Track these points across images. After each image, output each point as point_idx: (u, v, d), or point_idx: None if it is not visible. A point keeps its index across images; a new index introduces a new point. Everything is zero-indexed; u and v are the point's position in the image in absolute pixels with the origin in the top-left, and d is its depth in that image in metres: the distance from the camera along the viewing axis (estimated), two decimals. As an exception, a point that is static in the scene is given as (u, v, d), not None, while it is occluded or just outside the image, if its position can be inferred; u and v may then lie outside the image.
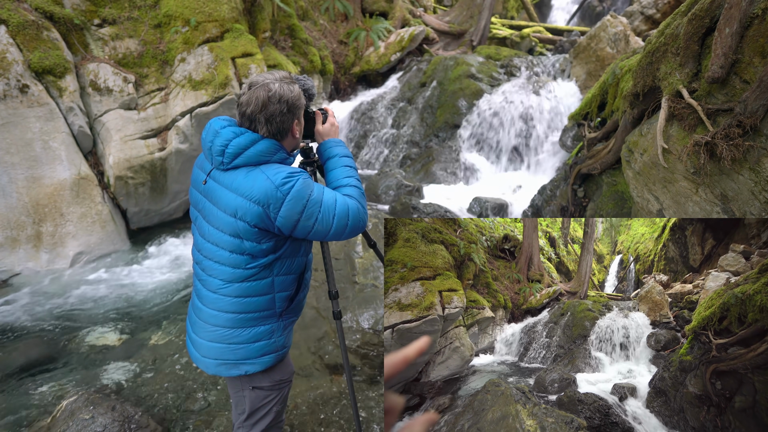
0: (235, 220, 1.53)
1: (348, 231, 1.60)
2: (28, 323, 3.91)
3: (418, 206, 5.68)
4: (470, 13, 11.15)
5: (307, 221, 1.52)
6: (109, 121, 5.06)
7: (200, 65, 5.53)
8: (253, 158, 1.53)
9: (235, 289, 1.63)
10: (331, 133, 1.80)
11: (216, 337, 1.68)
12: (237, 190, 1.52)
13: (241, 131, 1.54)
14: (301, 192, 1.50)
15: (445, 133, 8.00)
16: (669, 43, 3.19)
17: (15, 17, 4.53)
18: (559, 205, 5.19)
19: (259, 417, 1.87)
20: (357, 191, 1.66)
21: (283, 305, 1.72)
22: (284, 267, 1.66)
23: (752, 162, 2.53)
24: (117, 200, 5.21)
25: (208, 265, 1.66)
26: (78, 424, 2.51)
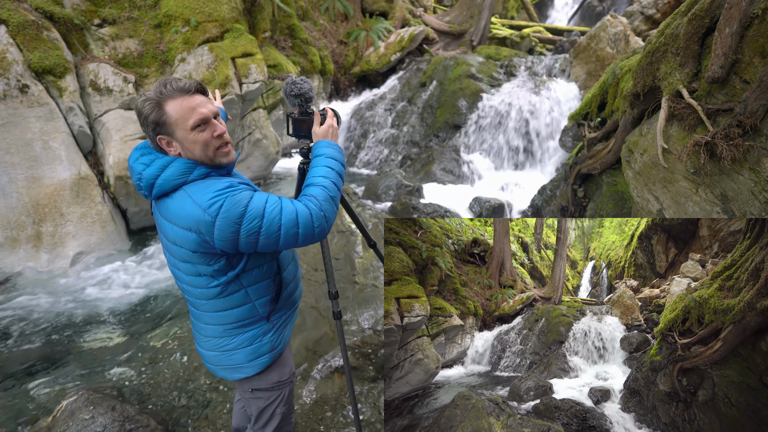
0: (179, 248, 1.48)
1: (301, 239, 1.48)
2: (28, 323, 3.91)
3: (418, 206, 5.68)
4: (470, 13, 11.15)
5: (248, 237, 1.41)
6: (109, 121, 5.06)
7: (200, 65, 5.53)
8: (167, 185, 1.44)
9: (211, 305, 1.62)
10: (327, 135, 1.77)
11: (210, 346, 1.72)
12: (170, 219, 1.46)
13: (150, 160, 1.46)
14: (231, 210, 1.38)
15: (445, 133, 8.00)
16: (669, 43, 3.19)
17: (15, 17, 4.53)
18: (559, 205, 5.19)
19: (266, 420, 1.87)
20: (322, 192, 1.55)
21: (266, 309, 1.69)
22: (253, 276, 1.61)
23: (752, 162, 2.53)
24: (117, 200, 5.21)
25: (180, 286, 1.66)
26: (78, 424, 2.51)
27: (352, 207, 3.65)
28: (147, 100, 1.42)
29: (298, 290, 1.89)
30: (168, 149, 1.47)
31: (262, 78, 5.88)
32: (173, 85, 1.43)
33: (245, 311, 1.65)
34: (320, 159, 1.67)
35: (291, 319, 1.86)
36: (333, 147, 1.72)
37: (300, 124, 1.85)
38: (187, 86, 1.45)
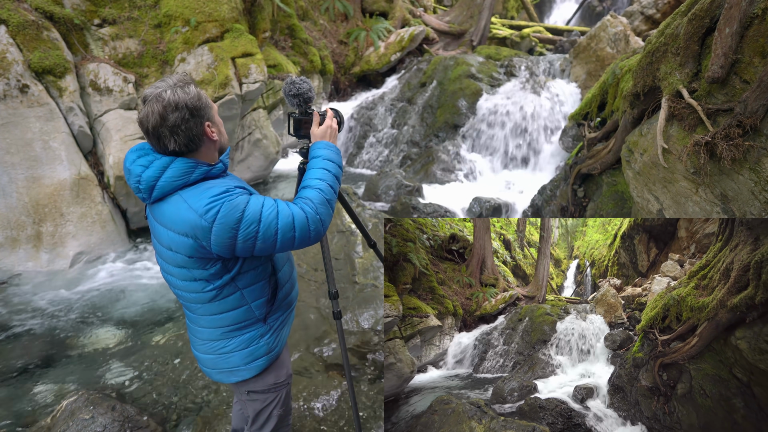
0: (174, 253, 1.47)
1: (297, 242, 1.48)
2: (28, 323, 3.91)
3: (418, 206, 5.68)
4: (470, 13, 11.15)
5: (245, 242, 1.41)
6: (109, 121, 5.06)
7: (200, 65, 5.53)
8: (167, 187, 1.42)
9: (206, 309, 1.61)
10: (326, 136, 1.76)
11: (207, 350, 1.71)
12: (166, 224, 1.44)
13: (149, 162, 1.43)
14: (228, 216, 1.37)
15: (445, 133, 8.00)
16: (669, 43, 3.19)
17: (15, 17, 4.53)
18: (559, 205, 5.19)
19: (262, 422, 1.87)
20: (318, 195, 1.54)
21: (262, 311, 1.68)
22: (248, 278, 1.60)
23: (752, 162, 2.53)
24: (117, 200, 5.21)
25: (174, 291, 1.65)
26: (78, 424, 2.51)
27: (352, 207, 3.64)
28: (192, 84, 1.46)
29: (294, 291, 1.88)
30: (212, 135, 1.50)
31: (262, 78, 5.88)
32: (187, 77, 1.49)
33: (241, 313, 1.64)
34: (317, 161, 1.66)
35: (288, 321, 1.85)
36: (330, 148, 1.71)
37: (300, 124, 1.85)
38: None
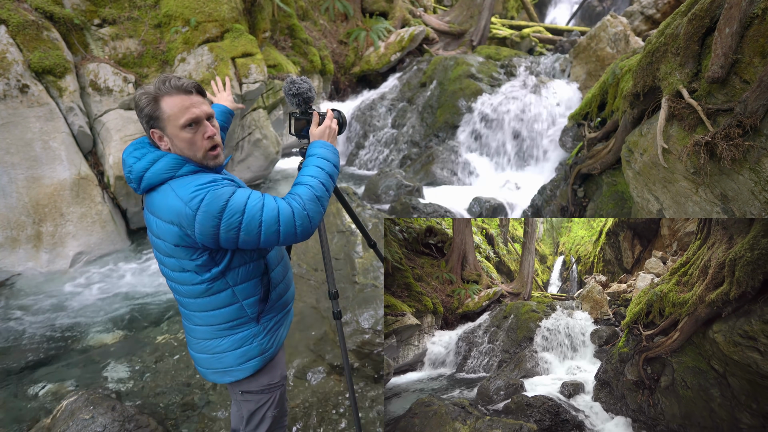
0: (162, 242, 1.50)
1: (282, 237, 1.47)
2: (28, 323, 3.91)
3: (418, 206, 5.68)
4: (470, 13, 11.15)
5: (228, 232, 1.41)
6: (109, 121, 5.06)
7: (200, 65, 5.53)
8: (154, 179, 1.46)
9: (198, 304, 1.62)
10: (324, 136, 1.77)
11: (201, 349, 1.72)
12: (155, 212, 1.48)
13: (142, 154, 1.49)
14: (212, 204, 1.39)
15: (445, 133, 8.00)
16: (669, 43, 3.19)
17: (15, 17, 4.53)
18: (559, 205, 5.19)
19: (256, 423, 1.87)
20: (308, 191, 1.54)
21: (255, 310, 1.68)
22: (240, 275, 1.60)
23: (752, 162, 2.53)
24: (117, 200, 5.21)
25: (169, 284, 1.67)
26: (78, 424, 2.51)
27: (352, 207, 3.64)
28: (145, 93, 1.47)
29: (290, 292, 1.87)
30: (159, 143, 1.51)
31: (262, 78, 5.88)
32: (172, 82, 1.47)
33: (233, 311, 1.64)
34: (312, 159, 1.68)
35: (284, 323, 1.84)
36: (327, 148, 1.72)
37: (300, 124, 1.86)
38: (185, 85, 1.48)
